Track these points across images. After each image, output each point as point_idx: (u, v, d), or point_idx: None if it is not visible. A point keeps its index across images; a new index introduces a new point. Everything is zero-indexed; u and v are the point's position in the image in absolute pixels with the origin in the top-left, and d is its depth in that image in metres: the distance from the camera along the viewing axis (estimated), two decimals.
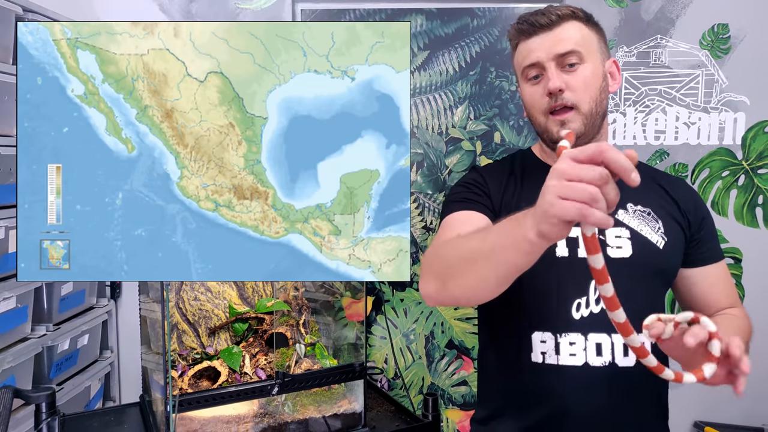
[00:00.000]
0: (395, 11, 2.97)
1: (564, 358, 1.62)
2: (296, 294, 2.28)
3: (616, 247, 1.64)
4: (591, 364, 1.61)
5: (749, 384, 2.95)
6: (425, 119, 3.01)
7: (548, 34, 1.64)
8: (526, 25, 1.66)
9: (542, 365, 1.64)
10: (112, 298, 2.95)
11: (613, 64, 1.73)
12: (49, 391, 1.89)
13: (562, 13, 1.65)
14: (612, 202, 0.98)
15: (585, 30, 1.67)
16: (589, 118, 1.64)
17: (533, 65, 1.65)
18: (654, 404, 1.72)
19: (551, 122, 1.65)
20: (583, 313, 1.62)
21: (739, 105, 2.95)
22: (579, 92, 1.62)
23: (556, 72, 1.62)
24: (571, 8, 1.67)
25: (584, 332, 1.62)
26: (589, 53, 1.65)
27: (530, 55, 1.65)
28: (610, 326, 1.59)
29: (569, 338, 1.62)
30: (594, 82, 1.64)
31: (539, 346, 1.64)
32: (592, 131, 1.67)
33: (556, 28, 1.64)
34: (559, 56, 1.62)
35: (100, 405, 2.86)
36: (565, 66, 1.63)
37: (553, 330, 1.64)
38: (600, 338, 1.61)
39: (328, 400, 2.14)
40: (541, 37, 1.64)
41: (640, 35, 2.95)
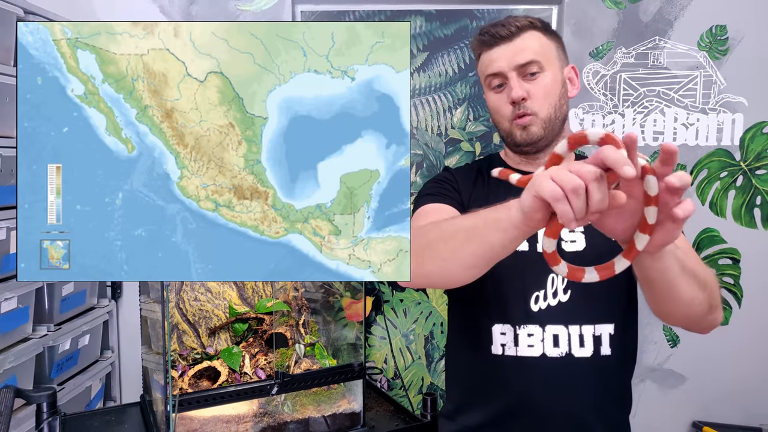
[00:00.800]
0: (395, 13, 2.98)
1: (522, 350, 1.67)
2: (296, 294, 2.28)
3: (570, 241, 1.70)
4: (548, 355, 1.66)
5: (747, 384, 2.94)
6: (424, 120, 3.01)
7: (509, 44, 1.72)
8: (487, 37, 1.75)
9: (502, 357, 1.70)
10: (112, 298, 2.96)
11: (572, 70, 1.83)
12: (50, 391, 1.90)
13: (522, 24, 1.73)
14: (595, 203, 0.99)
15: (544, 39, 1.75)
16: (547, 123, 1.74)
17: (496, 75, 1.74)
18: (612, 394, 1.74)
19: (515, 127, 1.74)
20: (541, 306, 1.68)
21: (737, 106, 2.95)
22: (540, 100, 1.72)
23: (518, 82, 1.71)
24: (530, 19, 1.75)
25: (542, 324, 1.67)
26: (549, 62, 1.74)
27: (492, 64, 1.74)
28: (566, 318, 1.66)
29: (527, 330, 1.68)
30: (554, 90, 1.74)
31: (499, 338, 1.69)
32: (551, 135, 1.76)
33: (516, 39, 1.72)
34: (520, 66, 1.71)
35: (101, 405, 2.87)
36: (527, 75, 1.72)
37: (512, 322, 1.69)
38: (557, 330, 1.67)
39: (327, 400, 2.14)
40: (502, 48, 1.73)
41: (639, 37, 2.96)
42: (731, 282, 3.06)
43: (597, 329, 1.67)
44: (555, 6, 3.03)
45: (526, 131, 1.72)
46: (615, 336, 1.69)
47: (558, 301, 1.67)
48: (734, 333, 3.07)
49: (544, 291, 1.67)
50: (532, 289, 1.68)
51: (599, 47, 2.97)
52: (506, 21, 1.74)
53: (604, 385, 1.70)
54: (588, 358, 1.66)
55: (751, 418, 3.08)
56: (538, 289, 1.68)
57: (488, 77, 1.77)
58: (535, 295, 1.68)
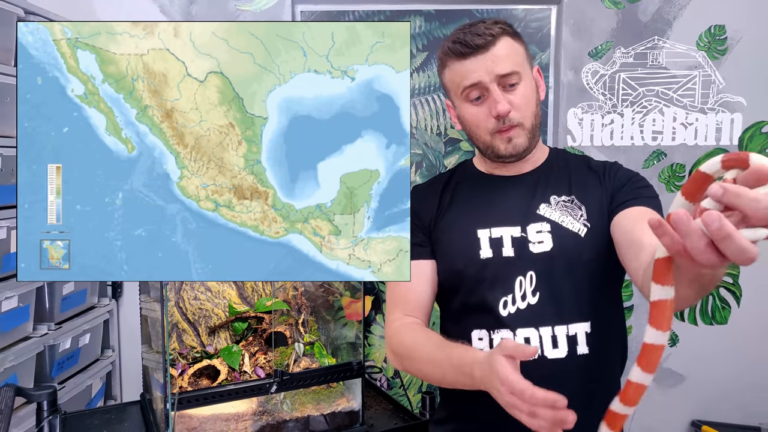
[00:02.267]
0: (394, 13, 2.98)
1: None
2: (295, 293, 2.28)
3: (537, 242, 1.67)
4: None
5: (746, 383, 2.95)
6: (424, 120, 3.01)
7: (485, 54, 1.63)
8: (460, 46, 1.64)
9: None
10: (113, 297, 2.96)
11: (537, 72, 1.77)
12: (51, 389, 1.90)
13: (495, 32, 1.64)
14: None
15: (516, 45, 1.69)
16: (531, 132, 1.70)
17: (474, 86, 1.65)
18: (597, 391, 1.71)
19: (498, 140, 1.68)
20: (510, 310, 1.65)
21: (735, 106, 2.96)
22: (522, 110, 1.66)
23: (500, 94, 1.63)
24: (500, 24, 1.68)
25: (512, 328, 1.65)
26: (523, 69, 1.68)
27: (470, 75, 1.65)
28: (536, 320, 1.65)
29: (500, 334, 1.66)
30: (532, 98, 1.69)
31: (477, 344, 1.69)
32: (533, 143, 1.73)
33: (492, 48, 1.63)
34: (501, 77, 1.63)
35: (102, 403, 2.87)
36: (507, 86, 1.65)
37: (487, 327, 1.68)
38: (528, 332, 1.64)
39: (326, 399, 2.15)
40: (479, 59, 1.64)
41: (638, 36, 2.96)
42: (730, 281, 3.06)
43: (571, 329, 1.65)
44: (554, 6, 3.04)
45: (512, 144, 1.67)
46: (592, 334, 1.67)
47: (527, 303, 1.65)
48: (733, 332, 3.08)
49: (512, 295, 1.65)
50: (500, 295, 1.66)
51: (598, 47, 2.97)
52: (478, 29, 1.65)
53: (584, 383, 1.68)
54: (563, 358, 1.64)
55: (750, 417, 3.08)
56: (505, 294, 1.66)
57: (466, 89, 1.67)
58: (503, 300, 1.66)
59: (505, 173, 1.78)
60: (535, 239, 1.67)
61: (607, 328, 1.71)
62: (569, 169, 1.79)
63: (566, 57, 3.01)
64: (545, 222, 1.67)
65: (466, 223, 1.71)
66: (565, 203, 1.71)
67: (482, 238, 1.69)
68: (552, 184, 1.75)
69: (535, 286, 1.65)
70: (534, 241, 1.67)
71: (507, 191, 1.75)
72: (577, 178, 1.77)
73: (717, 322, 3.08)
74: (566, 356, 1.65)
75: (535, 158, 1.78)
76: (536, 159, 1.79)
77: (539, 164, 1.79)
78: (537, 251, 1.66)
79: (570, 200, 1.71)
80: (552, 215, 1.68)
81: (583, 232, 1.65)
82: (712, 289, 1.48)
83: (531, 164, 1.78)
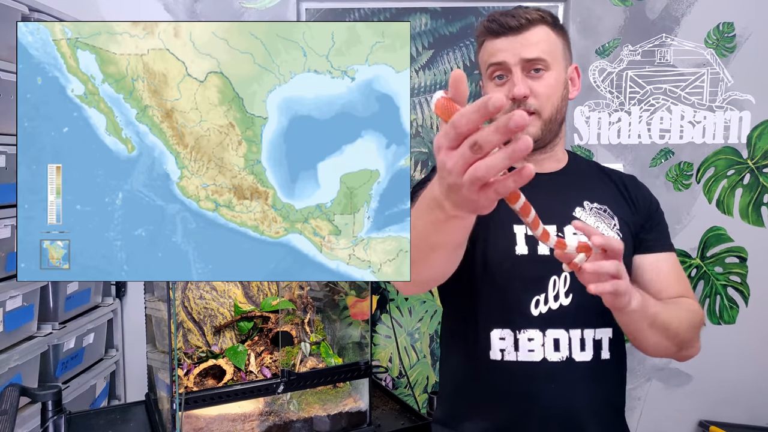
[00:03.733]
0: (399, 10, 2.98)
1: (523, 355, 1.65)
2: (301, 293, 2.28)
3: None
4: (549, 359, 1.64)
5: (754, 383, 2.94)
6: (429, 118, 3.01)
7: (517, 37, 1.65)
8: (495, 25, 1.66)
9: (501, 362, 1.67)
10: (117, 296, 2.96)
11: (575, 70, 1.75)
12: (55, 389, 1.91)
13: (532, 18, 1.65)
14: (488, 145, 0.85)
15: (552, 36, 1.69)
16: (547, 124, 1.69)
17: (499, 65, 1.67)
18: (611, 397, 1.73)
19: None
20: (541, 310, 1.65)
21: (744, 104, 2.94)
22: (542, 99, 1.66)
23: (522, 77, 1.64)
24: (541, 12, 1.68)
25: (542, 328, 1.64)
26: (555, 60, 1.68)
27: (497, 54, 1.66)
28: (567, 322, 1.63)
29: (528, 334, 1.65)
30: (557, 90, 1.68)
31: (498, 344, 1.66)
32: (549, 136, 1.72)
33: (525, 32, 1.65)
34: (526, 61, 1.64)
35: (106, 403, 2.87)
36: (531, 71, 1.65)
37: (512, 327, 1.66)
38: (558, 334, 1.64)
39: (333, 399, 2.15)
40: (509, 39, 1.65)
41: (645, 34, 2.95)
42: (738, 281, 3.05)
43: (597, 333, 1.66)
44: (561, 3, 3.03)
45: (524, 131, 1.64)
46: (613, 340, 1.68)
47: (559, 304, 1.64)
48: (741, 332, 3.07)
49: (545, 295, 1.65)
50: (533, 293, 1.66)
51: (605, 44, 2.96)
52: (516, 12, 1.66)
53: (603, 389, 1.68)
54: (588, 362, 1.64)
55: (758, 417, 3.07)
56: (539, 293, 1.65)
57: (491, 66, 1.69)
58: (536, 299, 1.65)
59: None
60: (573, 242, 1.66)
61: (622, 335, 1.71)
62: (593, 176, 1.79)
63: (573, 55, 3.00)
64: None
65: (501, 217, 1.64)
66: (598, 210, 1.71)
67: (518, 233, 1.68)
68: (584, 189, 1.75)
69: (568, 287, 1.65)
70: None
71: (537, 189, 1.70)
72: (604, 188, 1.77)
73: (725, 322, 3.06)
74: (591, 360, 1.64)
75: (557, 157, 1.78)
76: (559, 158, 1.78)
77: (563, 165, 1.78)
78: None
79: (603, 209, 1.71)
80: (588, 219, 1.68)
81: None
82: (670, 337, 1.54)
83: (555, 163, 1.77)
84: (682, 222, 3.01)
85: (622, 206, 1.74)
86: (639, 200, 1.77)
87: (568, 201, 1.72)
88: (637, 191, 1.79)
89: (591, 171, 1.82)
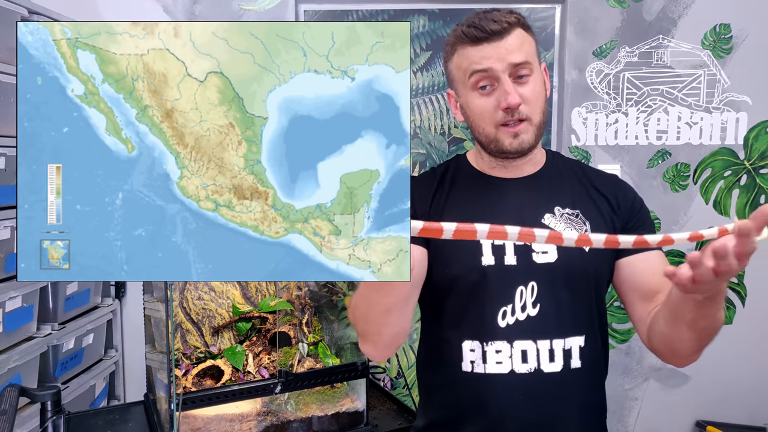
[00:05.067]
0: (397, 12, 2.98)
1: (491, 367, 1.62)
2: (299, 293, 2.29)
3: (541, 252, 1.63)
4: (517, 371, 1.61)
5: (751, 383, 2.94)
6: (428, 119, 3.01)
7: (500, 42, 1.58)
8: (476, 30, 1.58)
9: (471, 374, 1.64)
10: (116, 297, 2.97)
11: (544, 69, 1.72)
12: (55, 389, 1.91)
13: (511, 21, 1.59)
14: None
15: (527, 38, 1.64)
16: (539, 128, 1.65)
17: (485, 73, 1.59)
18: (585, 404, 1.70)
19: (503, 133, 1.62)
20: (509, 321, 1.62)
21: (741, 105, 2.96)
22: (532, 105, 1.61)
23: (512, 85, 1.58)
24: (516, 15, 1.62)
25: (510, 340, 1.61)
26: (534, 63, 1.63)
27: (482, 61, 1.59)
28: (535, 333, 1.61)
29: (495, 346, 1.62)
30: (542, 93, 1.64)
31: (469, 355, 1.64)
32: (538, 140, 1.67)
33: (507, 37, 1.58)
34: (514, 66, 1.58)
35: (105, 403, 2.88)
36: (516, 77, 1.60)
37: (480, 338, 1.63)
38: (525, 345, 1.61)
39: (330, 399, 2.15)
40: (493, 45, 1.58)
41: (642, 35, 2.96)
42: (735, 281, 3.06)
43: (567, 342, 1.62)
44: (558, 5, 3.04)
45: (518, 139, 1.61)
46: (585, 347, 1.64)
47: (527, 315, 1.61)
48: (738, 332, 3.07)
49: (512, 305, 1.62)
50: (500, 305, 1.62)
51: (603, 46, 2.97)
52: (495, 16, 1.59)
53: (576, 397, 1.66)
54: (558, 372, 1.60)
55: (755, 417, 3.08)
56: (505, 304, 1.62)
57: (474, 74, 1.60)
58: (503, 310, 1.62)
59: (504, 175, 1.73)
60: (539, 249, 1.64)
61: (597, 341, 1.69)
62: (570, 179, 1.75)
63: (570, 56, 3.00)
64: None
65: None
66: (570, 216, 1.68)
67: (485, 244, 1.65)
68: (555, 193, 1.71)
69: (536, 297, 1.62)
70: (538, 251, 1.64)
71: (507, 195, 1.71)
72: (580, 191, 1.72)
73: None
74: (561, 370, 1.62)
75: (535, 159, 1.75)
76: (536, 161, 1.75)
77: (539, 168, 1.76)
78: (540, 261, 1.63)
79: (575, 214, 1.68)
80: (557, 226, 1.65)
81: (587, 248, 1.61)
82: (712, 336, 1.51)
83: (531, 166, 1.74)
84: (679, 223, 3.02)
85: (599, 208, 1.70)
86: (620, 200, 1.72)
87: (538, 206, 1.68)
88: (618, 190, 1.75)
89: (568, 172, 1.77)
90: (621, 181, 1.79)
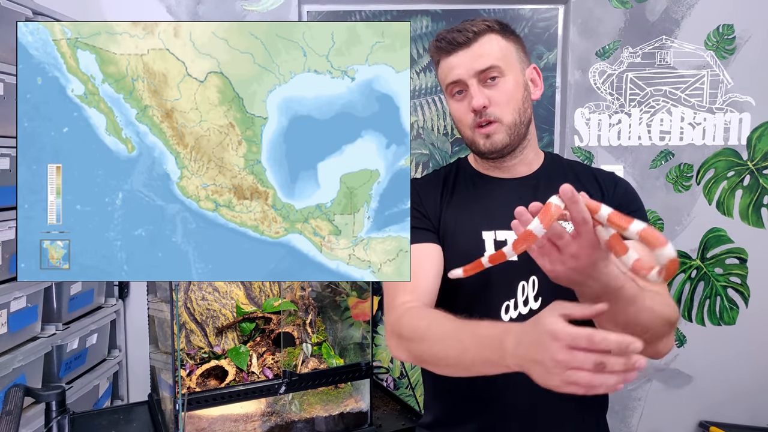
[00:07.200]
0: (401, 12, 2.98)
1: None
2: (303, 294, 2.29)
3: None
4: None
5: (754, 384, 2.93)
6: (430, 120, 3.01)
7: (467, 51, 1.67)
8: (444, 43, 1.69)
9: None
10: (120, 297, 2.97)
11: (534, 70, 1.76)
12: (59, 389, 1.91)
13: (478, 29, 1.67)
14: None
15: (502, 42, 1.70)
16: (512, 128, 1.69)
17: (455, 82, 1.69)
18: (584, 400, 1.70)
19: (477, 135, 1.69)
20: (512, 315, 1.65)
21: (744, 105, 2.95)
22: (502, 106, 1.67)
23: (478, 89, 1.66)
24: (487, 22, 1.69)
25: None
26: (509, 65, 1.68)
27: (452, 72, 1.68)
28: None
29: None
30: (516, 94, 1.69)
31: None
32: (516, 140, 1.71)
33: (474, 45, 1.66)
34: (480, 72, 1.65)
35: (109, 404, 2.88)
36: (487, 80, 1.66)
37: None
38: None
39: (334, 399, 2.15)
40: (460, 55, 1.67)
41: (645, 36, 2.95)
42: (738, 282, 3.05)
43: None
44: (561, 6, 3.03)
45: (490, 139, 1.67)
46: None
47: (529, 308, 1.63)
48: (741, 333, 3.07)
49: (515, 300, 1.64)
50: (503, 299, 1.65)
51: (606, 47, 2.96)
52: (462, 26, 1.69)
53: None
54: None
55: (758, 418, 3.07)
56: (508, 298, 1.65)
57: (449, 85, 1.71)
58: (506, 305, 1.65)
59: (501, 175, 1.78)
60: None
61: None
62: (569, 176, 1.77)
63: (573, 57, 3.00)
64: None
65: (470, 224, 1.70)
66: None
67: (487, 240, 1.68)
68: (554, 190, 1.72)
69: (537, 290, 1.65)
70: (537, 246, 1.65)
71: (507, 194, 1.74)
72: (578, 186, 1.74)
73: (725, 323, 3.07)
74: None
75: (529, 161, 1.77)
76: (531, 162, 1.78)
77: (535, 169, 1.79)
78: None
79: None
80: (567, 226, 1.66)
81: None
82: (649, 330, 1.46)
83: (526, 167, 1.77)
84: (683, 223, 3.01)
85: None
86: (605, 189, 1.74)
87: None
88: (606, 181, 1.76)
89: (565, 174, 1.79)
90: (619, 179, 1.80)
